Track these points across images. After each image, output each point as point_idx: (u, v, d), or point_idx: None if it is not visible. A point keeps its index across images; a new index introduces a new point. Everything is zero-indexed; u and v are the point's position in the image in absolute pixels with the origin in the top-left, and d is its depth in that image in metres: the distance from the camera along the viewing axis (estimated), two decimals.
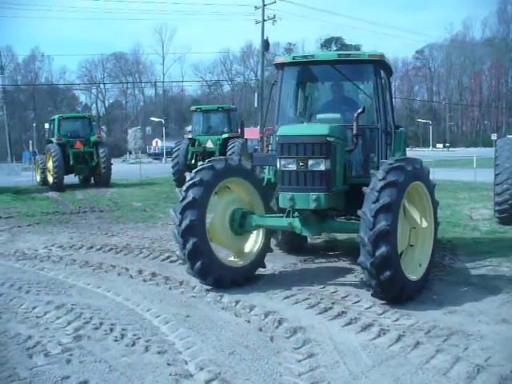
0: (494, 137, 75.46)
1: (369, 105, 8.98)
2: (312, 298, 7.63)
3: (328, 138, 7.72)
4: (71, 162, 27.51)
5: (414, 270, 7.68)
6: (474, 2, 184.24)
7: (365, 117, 8.78)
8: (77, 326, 6.64)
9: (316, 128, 8.12)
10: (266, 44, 54.92)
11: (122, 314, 7.18)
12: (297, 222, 8.13)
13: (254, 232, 9.02)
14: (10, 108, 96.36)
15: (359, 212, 7.11)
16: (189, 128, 32.45)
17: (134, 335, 6.31)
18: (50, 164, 26.60)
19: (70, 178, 29.11)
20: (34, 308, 7.43)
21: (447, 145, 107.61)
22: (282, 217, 8.34)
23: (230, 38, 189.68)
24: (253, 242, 9.05)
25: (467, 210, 16.96)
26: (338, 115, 9.18)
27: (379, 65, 9.03)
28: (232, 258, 8.83)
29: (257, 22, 55.90)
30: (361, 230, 7.00)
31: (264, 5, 55.34)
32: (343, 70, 9.20)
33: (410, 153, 68.28)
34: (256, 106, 69.12)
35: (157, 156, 76.83)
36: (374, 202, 6.90)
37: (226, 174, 8.41)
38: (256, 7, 56.14)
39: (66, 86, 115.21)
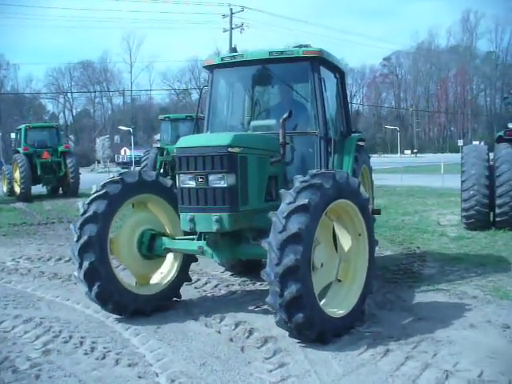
0: (460, 143, 76.99)
1: (310, 108, 8.19)
2: None
3: (230, 149, 6.68)
4: (39, 173, 27.34)
5: (341, 303, 6.73)
6: (438, 12, 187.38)
7: (302, 122, 8.20)
8: (46, 340, 6.54)
9: (216, 138, 7.06)
10: (234, 52, 55.00)
11: (91, 326, 7.11)
12: (207, 246, 7.18)
13: (170, 257, 8.09)
14: None
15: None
16: (157, 137, 32.33)
17: (105, 348, 6.24)
18: (16, 174, 26.39)
19: (38, 189, 28.81)
20: (1, 322, 7.30)
21: (415, 151, 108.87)
22: (194, 239, 7.42)
23: (198, 47, 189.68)
24: (165, 270, 8.05)
25: (435, 215, 17.18)
26: (272, 121, 8.21)
27: (318, 62, 8.03)
28: (139, 286, 7.79)
29: (225, 31, 56.04)
30: (267, 265, 5.96)
31: (232, 13, 55.55)
32: (277, 69, 8.32)
33: (379, 159, 68.56)
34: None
35: (125, 165, 76.02)
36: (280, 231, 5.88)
37: (137, 190, 7.50)
38: (224, 15, 56.31)
39: (33, 95, 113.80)
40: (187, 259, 8.17)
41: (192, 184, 6.87)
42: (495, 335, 6.40)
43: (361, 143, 9.34)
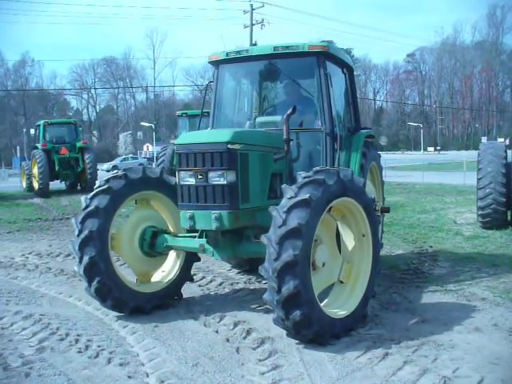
0: (484, 140, 76.03)
1: (316, 104, 7.99)
2: None
3: (230, 146, 6.52)
4: (57, 168, 27.57)
5: (342, 305, 6.55)
6: (464, 6, 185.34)
7: (308, 118, 8.06)
8: (42, 338, 6.47)
9: (216, 135, 6.88)
10: None
11: (90, 324, 7.03)
12: (208, 244, 7.03)
13: (172, 256, 7.99)
14: (1, 113, 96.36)
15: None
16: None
17: (99, 346, 6.15)
18: (35, 170, 26.60)
19: (57, 184, 29.00)
20: (0, 319, 7.26)
21: (438, 148, 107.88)
22: (195, 237, 7.25)
23: (220, 43, 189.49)
24: (167, 268, 7.94)
25: (452, 214, 16.89)
26: (278, 118, 7.99)
27: (323, 57, 7.85)
28: (140, 283, 7.67)
29: (245, 27, 55.76)
30: (266, 260, 5.84)
31: (252, 9, 55.23)
32: (283, 65, 8.18)
33: (401, 156, 67.84)
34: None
35: (148, 161, 76.52)
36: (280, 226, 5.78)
37: (141, 186, 7.42)
38: (244, 11, 56.03)
39: (57, 91, 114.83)
40: (190, 258, 8.04)
41: (192, 181, 6.73)
42: (500, 339, 6.16)
43: (369, 140, 9.12)
